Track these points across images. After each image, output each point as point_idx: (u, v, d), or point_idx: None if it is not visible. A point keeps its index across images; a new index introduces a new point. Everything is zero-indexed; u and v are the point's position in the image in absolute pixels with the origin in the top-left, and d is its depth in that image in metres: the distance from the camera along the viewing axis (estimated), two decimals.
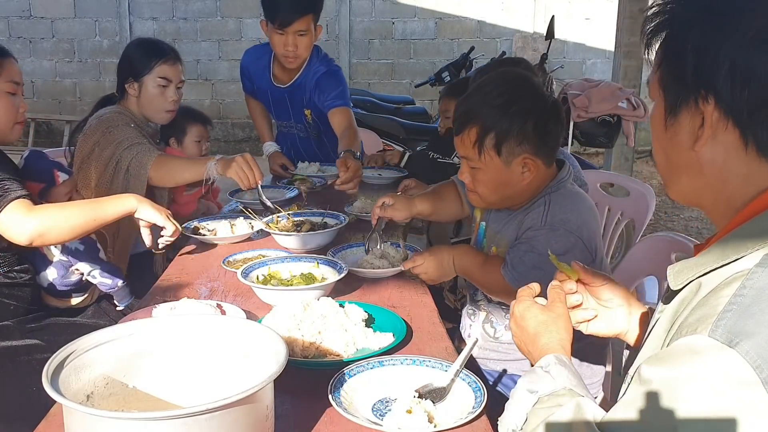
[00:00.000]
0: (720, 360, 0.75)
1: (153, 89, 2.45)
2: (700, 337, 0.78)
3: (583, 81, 4.55)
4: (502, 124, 1.57)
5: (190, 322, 1.16)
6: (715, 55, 0.85)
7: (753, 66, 0.84)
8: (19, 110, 1.90)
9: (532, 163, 1.60)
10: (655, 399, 0.79)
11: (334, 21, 8.08)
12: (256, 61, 3.05)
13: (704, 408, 0.75)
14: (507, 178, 1.62)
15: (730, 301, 0.79)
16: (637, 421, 0.81)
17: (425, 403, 1.14)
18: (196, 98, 7.94)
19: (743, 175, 0.89)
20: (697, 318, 0.81)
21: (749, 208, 0.88)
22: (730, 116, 0.86)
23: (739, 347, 0.75)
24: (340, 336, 1.36)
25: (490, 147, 1.58)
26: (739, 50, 0.84)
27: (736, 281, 0.80)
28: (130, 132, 2.39)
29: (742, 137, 0.87)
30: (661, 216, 5.55)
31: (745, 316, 0.76)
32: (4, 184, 1.71)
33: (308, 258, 1.80)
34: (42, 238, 1.73)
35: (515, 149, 1.58)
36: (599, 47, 8.06)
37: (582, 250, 1.58)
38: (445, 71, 5.42)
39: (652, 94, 0.96)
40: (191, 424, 0.87)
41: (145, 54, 2.48)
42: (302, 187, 2.31)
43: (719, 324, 0.77)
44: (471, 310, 1.86)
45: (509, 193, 1.66)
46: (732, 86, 0.85)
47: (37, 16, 8.10)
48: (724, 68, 0.85)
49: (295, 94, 2.99)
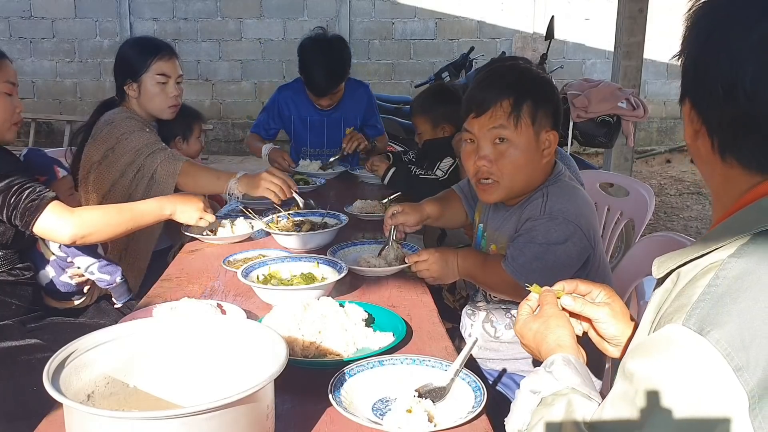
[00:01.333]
0: (691, 348, 0.77)
1: (153, 87, 2.44)
2: (675, 327, 0.80)
3: (583, 81, 4.54)
4: (535, 92, 1.63)
5: (190, 322, 1.16)
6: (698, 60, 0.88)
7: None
8: (16, 110, 1.91)
9: (554, 139, 1.66)
10: (636, 391, 0.81)
11: (334, 21, 8.08)
12: (297, 93, 3.30)
13: (679, 396, 0.77)
14: (534, 153, 1.65)
15: (704, 291, 0.80)
16: (623, 415, 0.82)
17: (425, 402, 1.14)
18: (196, 98, 7.95)
19: (723, 176, 0.91)
20: (674, 308, 0.82)
21: (735, 205, 0.89)
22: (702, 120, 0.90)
23: (710, 336, 0.76)
24: (340, 336, 1.36)
25: (527, 115, 1.62)
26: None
27: (711, 271, 0.82)
28: (147, 137, 2.38)
29: (709, 139, 0.89)
30: (661, 216, 5.55)
31: (717, 306, 0.78)
32: (34, 187, 1.75)
33: (308, 258, 1.80)
34: (84, 239, 1.82)
35: (543, 121, 1.64)
36: (599, 47, 8.06)
37: (581, 238, 1.60)
38: (445, 71, 5.42)
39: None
40: (191, 424, 0.87)
41: (140, 53, 2.46)
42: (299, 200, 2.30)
43: (692, 313, 0.79)
44: (470, 310, 1.87)
45: (531, 173, 1.67)
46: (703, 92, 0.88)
47: (37, 17, 8.10)
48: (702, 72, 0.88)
49: (332, 116, 3.33)
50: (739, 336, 0.75)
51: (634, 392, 0.81)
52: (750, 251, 0.81)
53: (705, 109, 0.88)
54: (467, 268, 1.73)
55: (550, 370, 1.00)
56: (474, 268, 1.72)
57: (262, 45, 8.24)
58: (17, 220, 1.72)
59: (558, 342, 1.06)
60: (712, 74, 0.86)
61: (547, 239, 1.59)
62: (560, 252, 1.58)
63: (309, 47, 3.11)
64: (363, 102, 3.40)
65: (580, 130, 4.37)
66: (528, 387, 1.00)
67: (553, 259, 1.58)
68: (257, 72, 8.30)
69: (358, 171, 3.24)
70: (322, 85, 3.12)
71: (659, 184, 6.57)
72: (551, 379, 0.98)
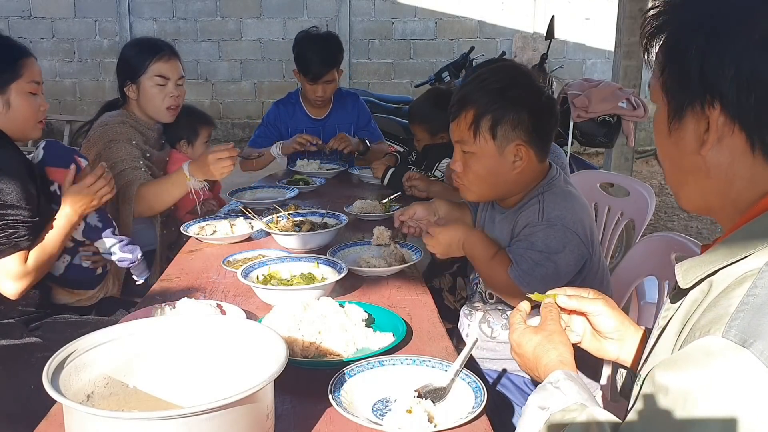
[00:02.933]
0: (734, 361, 0.75)
1: (151, 89, 2.44)
2: (713, 339, 0.77)
3: (583, 81, 4.54)
4: (498, 107, 1.61)
5: (190, 322, 1.16)
6: (720, 59, 0.84)
7: (758, 70, 0.83)
8: (40, 109, 1.97)
9: (525, 152, 1.63)
10: (672, 404, 0.78)
11: (334, 21, 8.08)
12: (288, 107, 3.47)
13: (720, 410, 0.75)
14: (499, 165, 1.64)
15: (743, 301, 0.78)
16: (655, 428, 0.80)
17: (425, 403, 1.14)
18: (196, 98, 7.94)
19: (748, 178, 0.88)
20: (710, 319, 0.80)
21: (755, 208, 0.87)
22: (737, 121, 0.86)
23: (754, 347, 0.74)
24: (340, 336, 1.36)
25: (486, 129, 1.62)
26: (744, 54, 0.83)
27: (747, 280, 0.80)
28: (127, 151, 2.38)
29: (748, 141, 0.86)
30: (661, 216, 5.55)
31: (758, 316, 0.76)
32: (15, 230, 1.78)
33: (308, 258, 1.80)
34: (29, 287, 1.85)
35: (510, 134, 1.62)
36: (599, 47, 8.06)
37: (578, 245, 1.60)
38: (445, 71, 5.42)
39: (654, 98, 0.95)
40: (191, 424, 0.87)
41: (139, 54, 2.47)
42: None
43: (732, 324, 0.76)
44: (468, 310, 1.87)
45: (499, 183, 1.68)
46: (738, 91, 0.84)
47: (37, 16, 8.10)
48: (730, 73, 0.84)
49: (326, 125, 3.45)
50: None
51: (670, 406, 0.79)
52: None
53: (740, 106, 0.84)
54: (472, 254, 1.72)
55: (557, 386, 0.99)
56: (479, 258, 1.70)
57: (262, 45, 8.24)
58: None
59: (560, 358, 1.06)
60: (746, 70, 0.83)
61: (546, 246, 1.58)
62: (559, 260, 1.59)
63: (303, 36, 3.32)
64: (355, 110, 3.52)
65: (580, 130, 4.37)
66: (536, 403, 0.98)
67: (553, 267, 1.58)
68: (257, 72, 8.30)
69: (358, 171, 3.24)
70: (317, 64, 3.22)
71: (659, 184, 6.56)
72: (560, 394, 0.97)
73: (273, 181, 3.06)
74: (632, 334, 1.17)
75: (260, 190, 2.83)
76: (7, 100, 1.88)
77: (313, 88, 3.30)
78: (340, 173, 3.22)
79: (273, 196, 2.72)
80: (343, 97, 3.51)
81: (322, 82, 3.27)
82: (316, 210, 2.34)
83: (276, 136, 3.41)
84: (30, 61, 1.93)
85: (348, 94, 3.59)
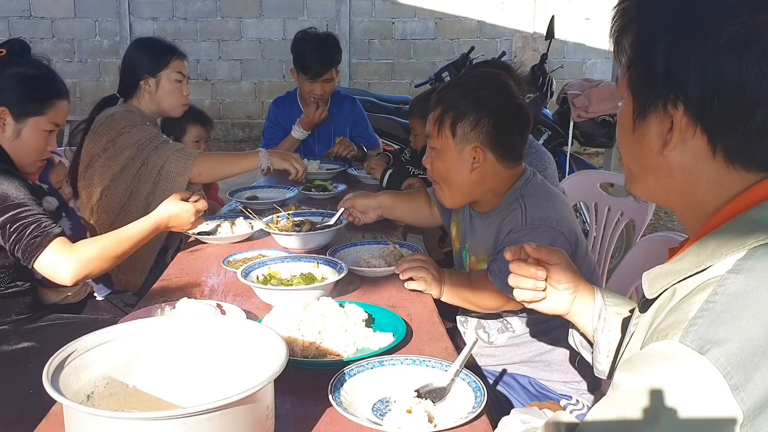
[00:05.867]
0: (690, 366, 0.75)
1: (170, 84, 2.51)
2: (670, 343, 0.77)
3: (583, 81, 4.54)
4: (460, 105, 1.66)
5: (190, 322, 1.16)
6: (687, 60, 0.84)
7: (723, 73, 0.82)
8: (47, 149, 1.95)
9: (482, 155, 1.66)
10: (625, 404, 0.79)
11: (334, 21, 8.08)
12: (287, 106, 3.50)
13: (672, 414, 0.75)
14: (458, 164, 1.68)
15: (702, 307, 0.78)
16: (606, 420, 0.82)
17: (425, 403, 1.14)
18: (196, 98, 7.89)
19: (713, 181, 0.87)
20: (669, 324, 0.80)
21: (722, 213, 0.87)
22: (699, 122, 0.85)
23: (710, 354, 0.74)
24: (340, 336, 1.36)
25: (447, 126, 1.67)
26: (711, 56, 0.82)
27: (708, 287, 0.80)
28: (149, 131, 2.43)
29: (710, 144, 0.85)
30: (661, 216, 5.55)
31: (716, 323, 0.76)
32: (40, 222, 1.71)
33: (308, 258, 1.80)
34: (86, 278, 1.79)
35: (469, 134, 1.66)
36: (599, 47, 8.05)
37: (564, 243, 1.61)
38: (445, 71, 5.41)
39: (621, 94, 0.95)
40: (191, 424, 0.87)
41: (159, 50, 2.54)
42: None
43: (690, 330, 0.76)
44: (463, 318, 1.88)
45: (461, 183, 1.70)
46: (702, 93, 0.83)
47: (37, 16, 8.10)
48: (695, 74, 0.83)
49: (321, 126, 3.44)
50: (740, 354, 0.74)
51: (621, 403, 0.80)
52: (749, 267, 0.79)
53: (704, 108, 0.84)
54: (454, 290, 1.70)
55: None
56: (461, 289, 1.70)
57: (262, 45, 8.24)
58: (19, 253, 1.70)
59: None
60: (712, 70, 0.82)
61: None
62: None
63: (302, 35, 3.37)
64: (352, 113, 3.54)
65: (580, 130, 4.37)
66: (518, 416, 1.03)
67: None
68: (257, 72, 8.30)
69: (357, 172, 3.24)
70: (317, 62, 3.26)
71: None
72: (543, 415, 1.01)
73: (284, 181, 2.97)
74: (583, 287, 1.21)
75: (260, 190, 2.83)
76: (19, 130, 1.87)
77: (312, 87, 3.31)
78: (339, 173, 3.21)
79: (273, 196, 2.72)
80: (340, 100, 3.52)
81: (322, 80, 3.30)
82: (316, 210, 2.34)
83: (282, 132, 3.43)
84: (61, 104, 1.92)
85: (346, 97, 3.60)
